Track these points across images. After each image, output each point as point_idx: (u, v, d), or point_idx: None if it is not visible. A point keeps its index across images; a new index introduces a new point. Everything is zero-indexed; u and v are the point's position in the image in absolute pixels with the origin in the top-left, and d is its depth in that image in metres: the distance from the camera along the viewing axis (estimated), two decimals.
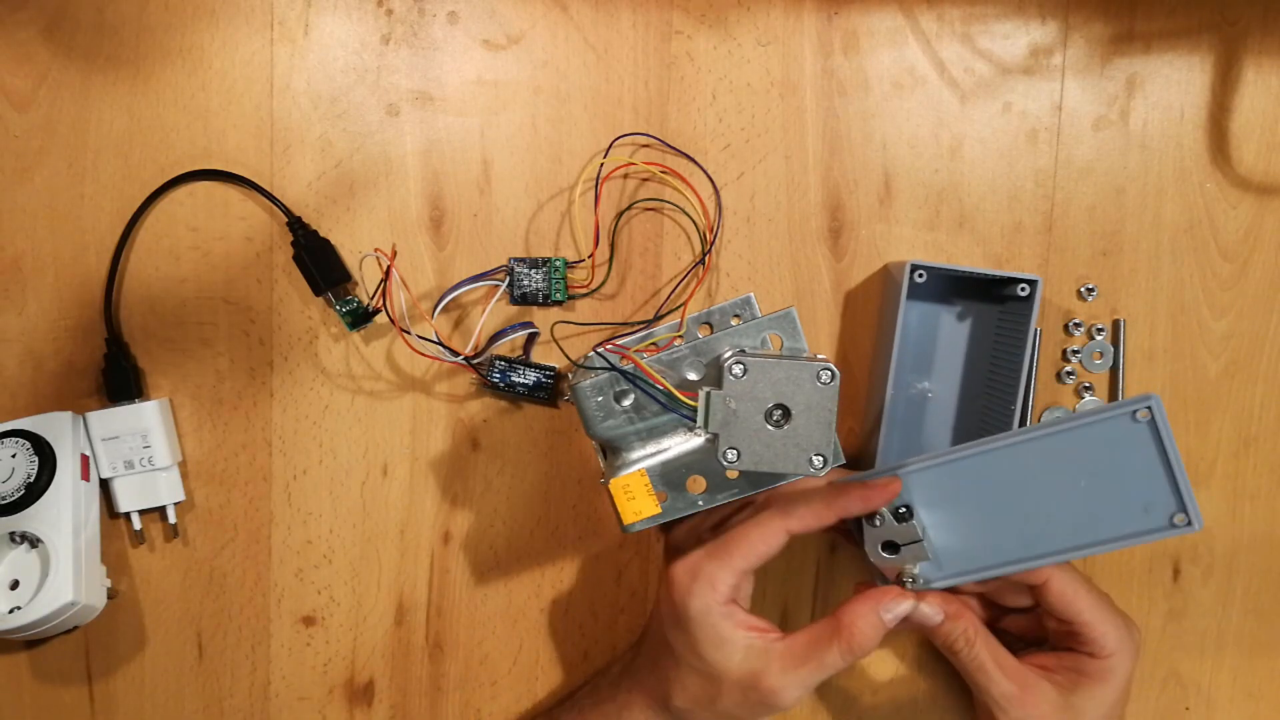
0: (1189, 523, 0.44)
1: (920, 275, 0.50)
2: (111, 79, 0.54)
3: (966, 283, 0.54)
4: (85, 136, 0.54)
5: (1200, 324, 0.55)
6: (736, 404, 0.43)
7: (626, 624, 0.57)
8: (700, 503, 0.47)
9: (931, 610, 0.47)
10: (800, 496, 0.46)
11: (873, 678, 0.57)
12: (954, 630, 0.48)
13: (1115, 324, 0.55)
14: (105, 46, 0.54)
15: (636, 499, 0.46)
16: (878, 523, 0.48)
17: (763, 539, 0.45)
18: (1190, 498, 0.44)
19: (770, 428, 0.43)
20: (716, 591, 0.45)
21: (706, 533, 0.50)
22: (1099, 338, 0.55)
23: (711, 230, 0.55)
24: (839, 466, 0.51)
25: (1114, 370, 0.55)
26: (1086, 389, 0.56)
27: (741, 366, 0.43)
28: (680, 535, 0.52)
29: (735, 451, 0.43)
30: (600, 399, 0.46)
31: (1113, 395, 0.56)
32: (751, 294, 0.49)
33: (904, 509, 0.47)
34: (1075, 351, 0.55)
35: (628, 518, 0.46)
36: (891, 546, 0.48)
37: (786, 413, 0.43)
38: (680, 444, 0.47)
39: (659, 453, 0.47)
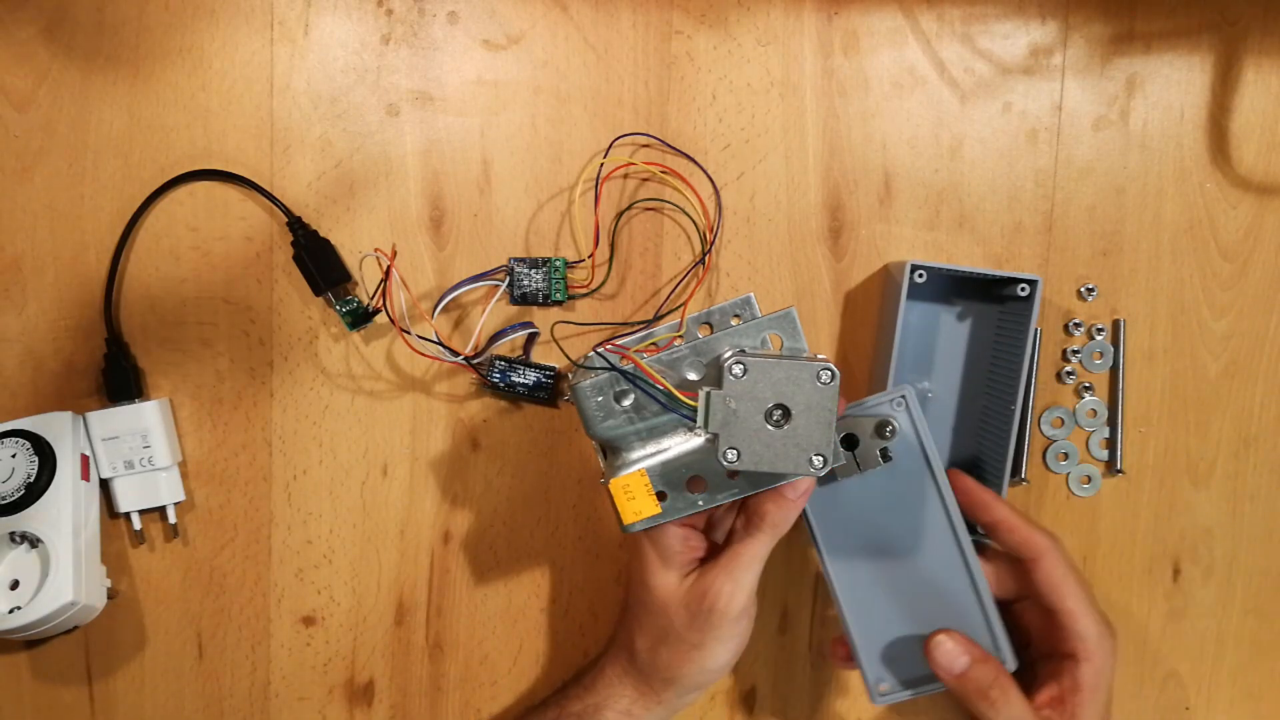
0: (825, 465, 0.44)
1: (920, 275, 0.50)
2: (111, 79, 0.54)
3: (966, 283, 0.54)
4: (85, 136, 0.54)
5: (1200, 324, 0.55)
6: (736, 404, 0.43)
7: None
8: (700, 503, 0.47)
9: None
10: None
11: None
12: (984, 678, 0.47)
13: (1115, 324, 0.55)
14: (105, 46, 0.54)
15: (636, 499, 0.46)
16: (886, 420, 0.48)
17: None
18: (830, 443, 0.44)
19: (770, 428, 0.43)
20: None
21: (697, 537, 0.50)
22: (1099, 338, 0.55)
23: (711, 230, 0.55)
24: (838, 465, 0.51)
25: (1114, 370, 0.55)
26: (1086, 389, 0.56)
27: (741, 366, 0.43)
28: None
29: (735, 451, 0.43)
30: (600, 399, 0.46)
31: (1113, 395, 0.56)
32: (751, 294, 0.49)
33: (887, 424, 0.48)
34: (1075, 351, 0.55)
35: (628, 518, 0.46)
36: (850, 441, 0.48)
37: (786, 413, 0.43)
38: (680, 444, 0.47)
39: (659, 453, 0.47)
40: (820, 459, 0.43)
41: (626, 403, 0.46)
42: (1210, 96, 0.55)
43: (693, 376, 0.46)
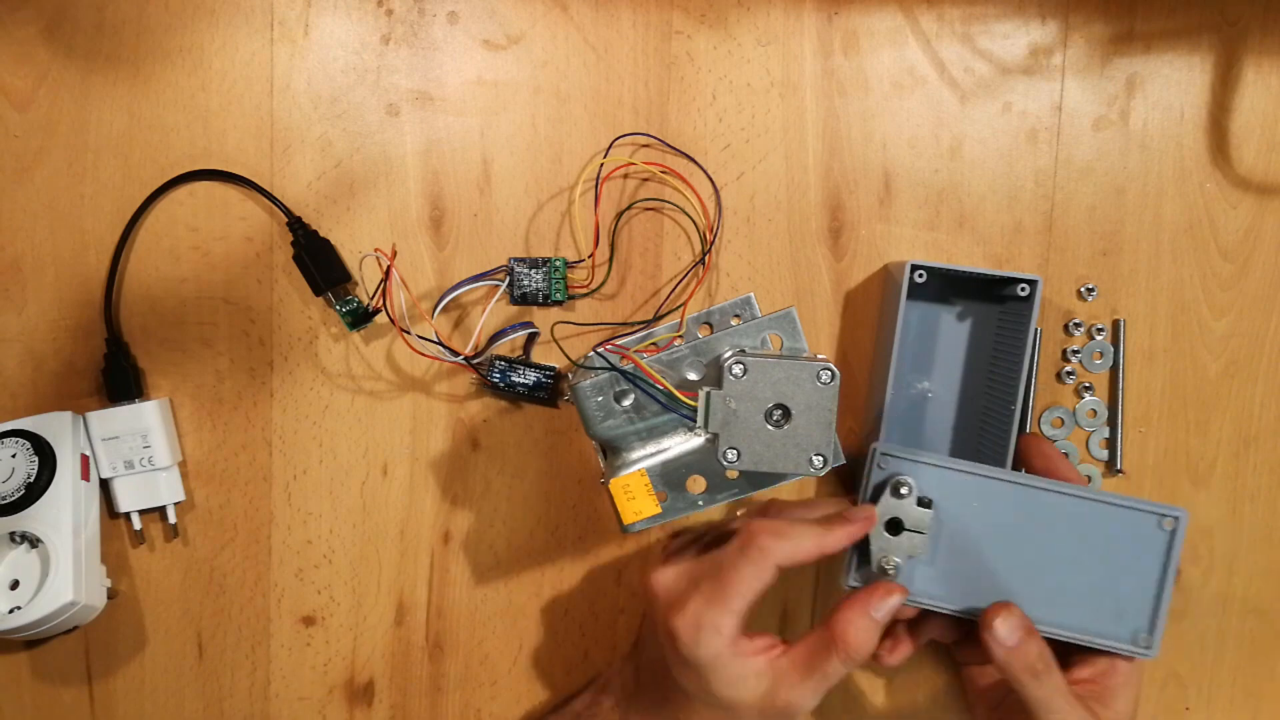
0: (1148, 648, 0.47)
1: (920, 275, 0.50)
2: (111, 79, 0.54)
3: (966, 283, 0.54)
4: (85, 136, 0.54)
5: (1200, 324, 0.55)
6: (736, 404, 0.43)
7: (626, 624, 0.57)
8: (700, 503, 0.47)
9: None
10: (789, 530, 0.45)
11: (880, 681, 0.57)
12: (1032, 652, 0.46)
13: (1115, 324, 0.55)
14: (105, 46, 0.54)
15: (636, 499, 0.46)
16: (904, 493, 0.47)
17: (756, 576, 0.44)
18: (1160, 627, 0.46)
19: (770, 428, 0.43)
20: (723, 637, 0.44)
21: (692, 560, 0.48)
22: (1099, 338, 0.55)
23: (711, 230, 0.55)
24: (839, 466, 0.51)
25: (1114, 370, 0.55)
26: (1086, 389, 0.56)
27: (741, 366, 0.43)
28: (669, 579, 0.48)
29: (735, 451, 0.43)
30: (600, 399, 0.46)
31: (1113, 395, 0.56)
32: (751, 294, 0.49)
33: (927, 499, 0.47)
34: (1075, 351, 0.55)
35: (628, 517, 0.46)
36: (895, 527, 0.47)
37: (786, 413, 0.43)
38: (680, 444, 0.47)
39: (659, 453, 0.47)
40: (820, 459, 0.43)
41: (626, 403, 0.46)
42: (1210, 96, 0.55)
43: (693, 376, 0.46)
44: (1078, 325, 0.55)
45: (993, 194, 0.55)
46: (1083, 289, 0.55)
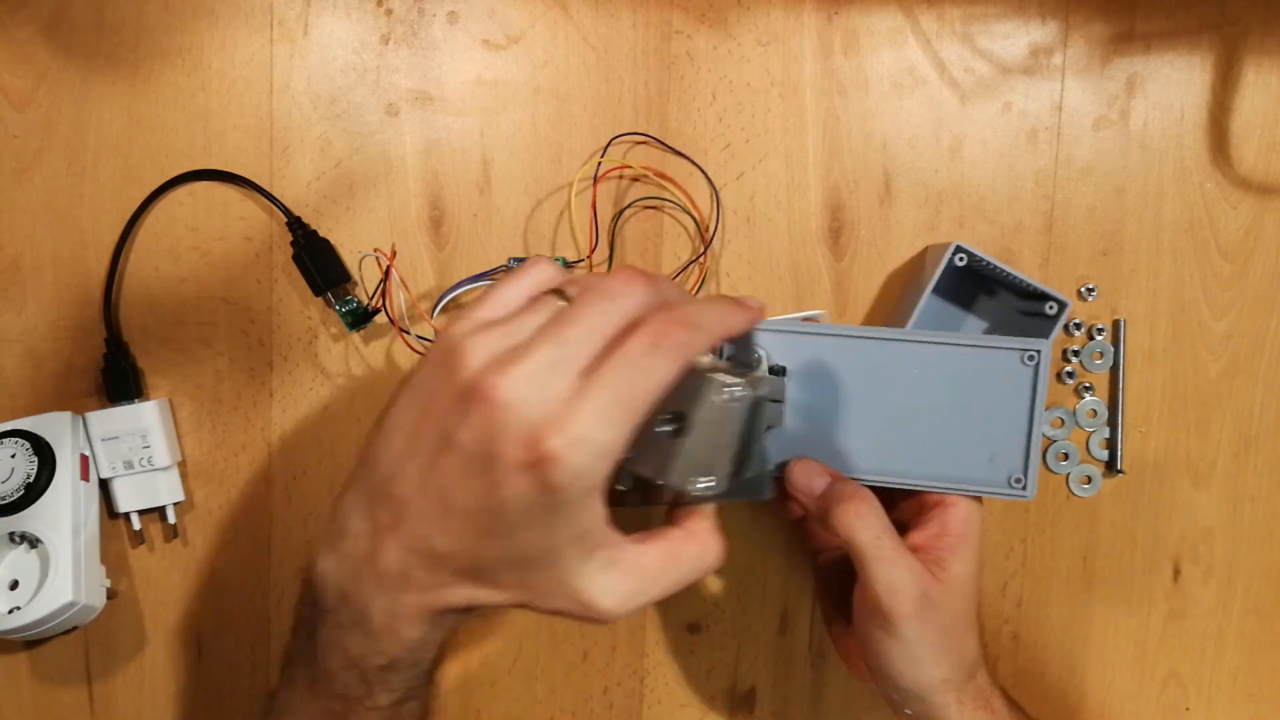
0: (1024, 488, 0.44)
1: (961, 258, 0.50)
2: (111, 79, 0.54)
3: (990, 288, 0.53)
4: (85, 136, 0.54)
5: (1200, 324, 0.55)
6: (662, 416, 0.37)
7: (626, 624, 0.57)
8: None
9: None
10: (694, 314, 0.35)
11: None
12: (844, 491, 0.43)
13: (1115, 324, 0.55)
14: (105, 46, 0.54)
15: None
16: (755, 361, 0.44)
17: (666, 381, 0.33)
18: (1034, 467, 0.44)
19: (665, 432, 0.36)
20: (605, 466, 0.33)
21: (546, 352, 0.34)
22: (1099, 338, 0.55)
23: (708, 230, 0.55)
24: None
25: (1114, 370, 0.55)
26: (1086, 389, 0.56)
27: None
28: (532, 387, 0.33)
29: (634, 452, 0.35)
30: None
31: (1113, 396, 0.56)
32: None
33: (780, 366, 0.44)
34: (1075, 352, 0.55)
35: None
36: None
37: (681, 423, 0.36)
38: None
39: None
40: (707, 482, 0.36)
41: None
42: (1210, 96, 0.55)
43: None
44: (1078, 325, 0.55)
45: (993, 194, 0.55)
46: (1083, 289, 0.55)
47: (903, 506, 0.48)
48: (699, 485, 0.36)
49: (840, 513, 0.43)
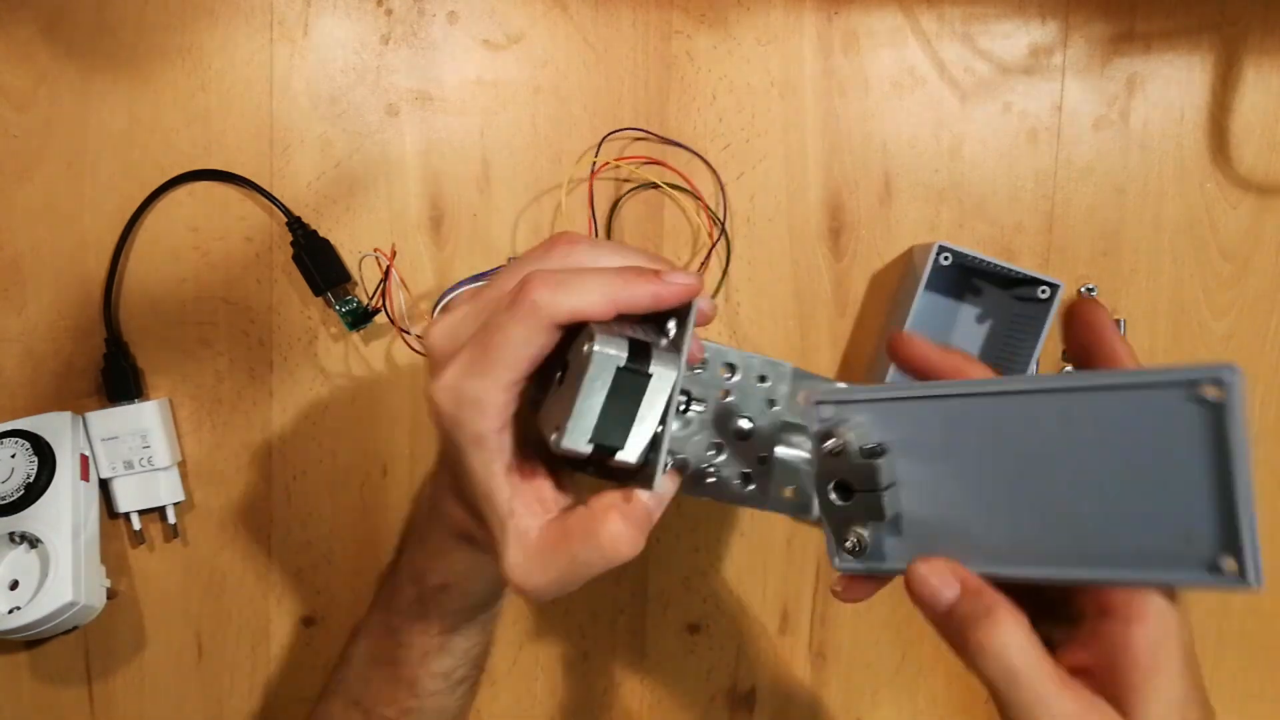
0: (1241, 575, 0.29)
1: (946, 257, 0.50)
2: (111, 79, 0.54)
3: (982, 280, 0.53)
4: (85, 137, 0.54)
5: (1200, 324, 0.55)
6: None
7: (626, 624, 0.57)
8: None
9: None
10: (572, 280, 0.34)
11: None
12: (975, 610, 0.33)
13: (1115, 324, 0.55)
14: (105, 46, 0.54)
15: None
16: (833, 448, 0.36)
17: (526, 339, 0.34)
18: (1249, 539, 0.29)
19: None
20: (487, 418, 0.34)
21: (466, 314, 0.37)
22: None
23: (712, 224, 0.55)
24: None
25: None
26: None
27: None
28: (439, 335, 0.37)
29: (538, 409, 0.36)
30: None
31: None
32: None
33: (877, 445, 0.36)
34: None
35: None
36: (845, 490, 0.36)
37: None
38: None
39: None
40: (561, 435, 0.34)
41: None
42: (1210, 96, 0.55)
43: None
44: None
45: (993, 194, 0.55)
46: (1083, 289, 0.55)
47: (1057, 611, 0.35)
48: (553, 436, 0.34)
49: (979, 635, 0.32)
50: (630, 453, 0.35)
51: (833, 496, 0.37)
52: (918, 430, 0.35)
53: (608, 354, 0.33)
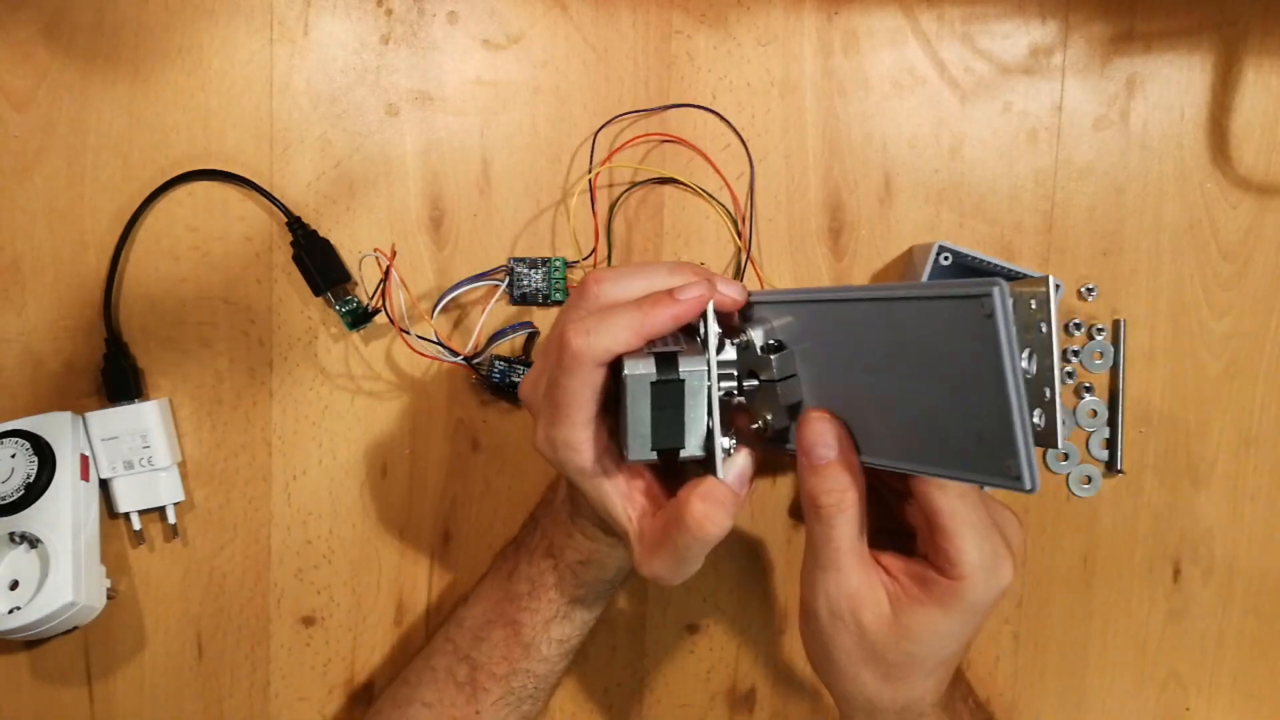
0: (1018, 477, 0.31)
1: (946, 257, 0.50)
2: (111, 79, 0.54)
3: (981, 278, 0.53)
4: (85, 136, 0.54)
5: (1200, 324, 0.55)
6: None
7: (626, 624, 0.57)
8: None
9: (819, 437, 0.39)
10: (599, 325, 0.39)
11: None
12: (826, 487, 0.39)
13: (1115, 324, 0.55)
14: (105, 46, 0.54)
15: None
16: (741, 343, 0.41)
17: (583, 384, 0.39)
18: (1023, 447, 0.31)
19: None
20: (581, 453, 0.40)
21: (538, 368, 0.43)
22: (1099, 338, 0.55)
23: (742, 214, 0.55)
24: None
25: (1114, 370, 0.55)
26: (1087, 389, 0.56)
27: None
28: (527, 389, 0.44)
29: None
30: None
31: (1113, 396, 0.56)
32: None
33: (775, 342, 0.40)
34: (1075, 352, 0.55)
35: None
36: (755, 379, 0.41)
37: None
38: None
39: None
40: (631, 448, 0.39)
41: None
42: (1210, 96, 0.55)
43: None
44: (1078, 325, 0.55)
45: (993, 194, 0.55)
46: (1083, 289, 0.55)
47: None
48: (624, 452, 0.40)
49: (813, 508, 0.39)
50: (693, 447, 0.39)
51: (746, 384, 0.41)
52: (803, 331, 0.40)
53: (638, 374, 0.38)
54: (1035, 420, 0.36)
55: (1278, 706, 0.57)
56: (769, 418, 0.40)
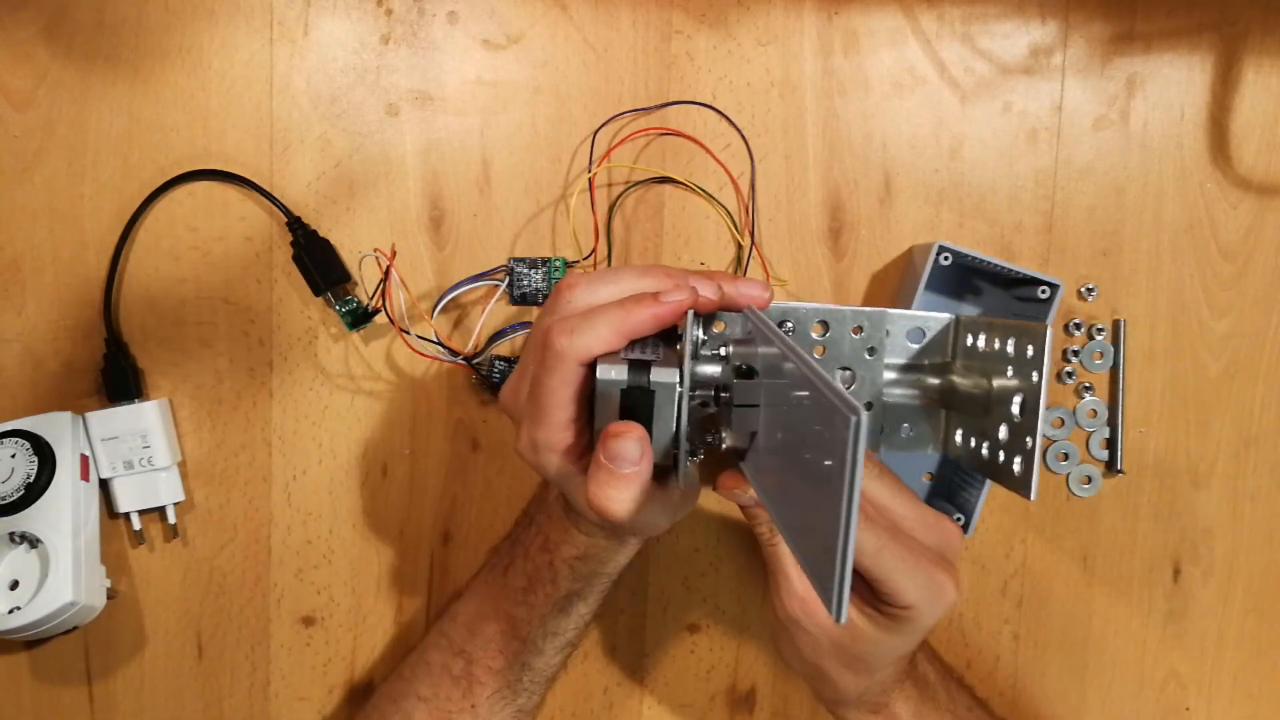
0: (836, 609, 0.29)
1: (946, 257, 0.50)
2: (111, 79, 0.54)
3: (981, 281, 0.53)
4: (85, 136, 0.54)
5: (1200, 324, 0.55)
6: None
7: (626, 624, 0.57)
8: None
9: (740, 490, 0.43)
10: (582, 324, 0.40)
11: None
12: (757, 523, 0.46)
13: (1115, 324, 0.55)
14: (105, 46, 0.54)
15: None
16: (725, 355, 0.41)
17: (564, 383, 0.40)
18: (843, 573, 0.29)
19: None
20: (559, 453, 0.41)
21: (518, 372, 0.44)
22: (1099, 338, 0.55)
23: (748, 210, 0.55)
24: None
25: (1114, 370, 0.55)
26: (1087, 389, 0.56)
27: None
28: (508, 394, 0.45)
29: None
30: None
31: (1113, 396, 0.56)
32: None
33: (745, 367, 0.40)
34: (1075, 352, 0.55)
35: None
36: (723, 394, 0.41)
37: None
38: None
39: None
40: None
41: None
42: (1210, 96, 0.55)
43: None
44: (1078, 325, 0.55)
45: (993, 194, 0.55)
46: (1083, 289, 0.55)
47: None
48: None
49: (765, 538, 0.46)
50: (657, 455, 0.39)
51: (721, 396, 0.41)
52: (765, 367, 0.38)
53: (610, 379, 0.38)
54: (1014, 467, 0.39)
55: (1278, 706, 0.57)
56: (723, 435, 0.41)
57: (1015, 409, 0.40)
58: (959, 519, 0.52)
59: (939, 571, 0.42)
